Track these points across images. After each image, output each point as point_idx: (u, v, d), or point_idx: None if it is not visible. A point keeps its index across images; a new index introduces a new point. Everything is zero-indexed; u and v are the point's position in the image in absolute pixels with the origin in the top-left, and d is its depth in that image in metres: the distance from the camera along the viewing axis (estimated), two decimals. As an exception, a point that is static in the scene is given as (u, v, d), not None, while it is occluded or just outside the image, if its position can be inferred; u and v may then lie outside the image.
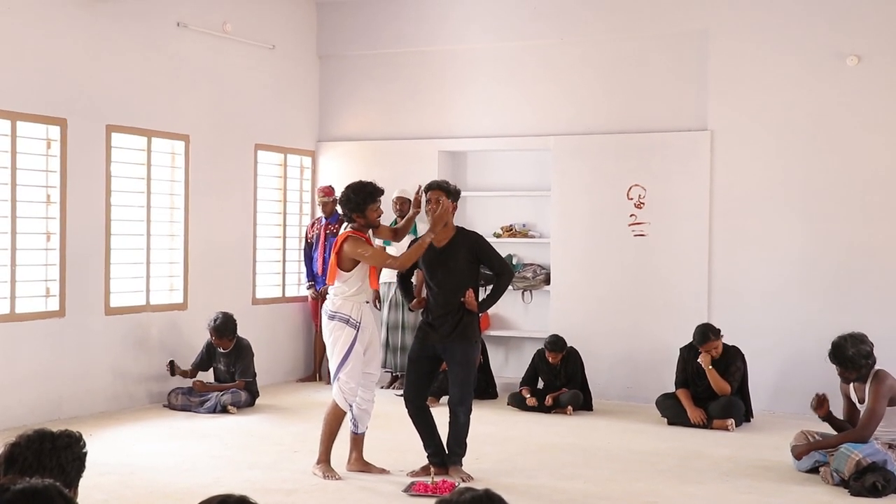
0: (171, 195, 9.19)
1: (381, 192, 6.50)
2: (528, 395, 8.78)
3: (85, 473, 3.12)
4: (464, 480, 6.21)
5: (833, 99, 8.76)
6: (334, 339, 6.38)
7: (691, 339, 8.25)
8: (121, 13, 8.61)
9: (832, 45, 8.72)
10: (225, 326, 8.80)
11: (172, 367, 8.76)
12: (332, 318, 6.41)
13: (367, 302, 6.53)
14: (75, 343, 8.25)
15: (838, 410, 6.69)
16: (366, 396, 6.52)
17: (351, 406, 6.44)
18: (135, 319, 8.79)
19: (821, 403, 6.56)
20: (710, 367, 8.10)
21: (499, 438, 7.62)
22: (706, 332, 8.16)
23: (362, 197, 6.37)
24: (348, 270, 6.37)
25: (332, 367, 6.41)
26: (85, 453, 3.15)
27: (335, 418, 6.43)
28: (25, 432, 3.11)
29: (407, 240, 8.93)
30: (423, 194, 6.45)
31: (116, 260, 8.65)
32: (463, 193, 8.06)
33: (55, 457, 3.04)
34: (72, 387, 8.23)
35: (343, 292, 6.39)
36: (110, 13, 8.51)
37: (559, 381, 8.89)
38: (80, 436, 3.18)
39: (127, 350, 8.72)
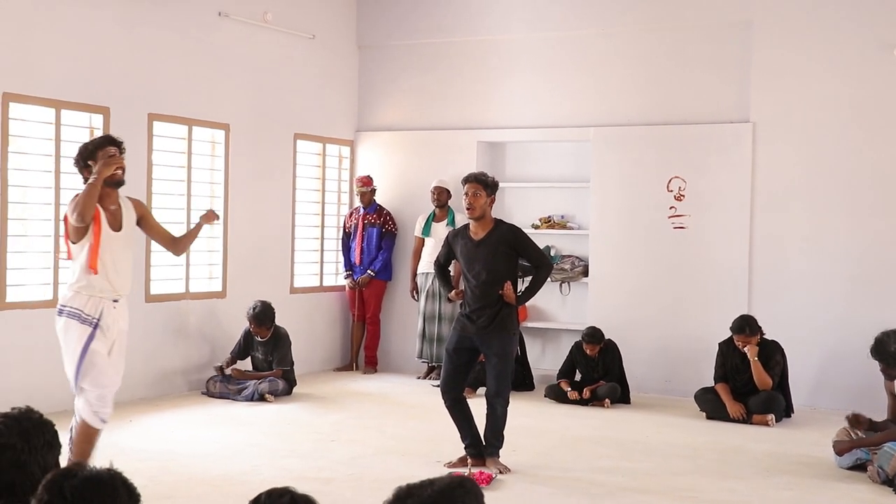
0: (212, 184, 9.25)
1: (108, 141, 5.57)
2: (569, 389, 8.73)
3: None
4: (501, 472, 6.20)
5: (878, 91, 8.62)
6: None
7: (731, 334, 8.18)
8: (163, 2, 8.66)
9: (877, 35, 8.59)
10: (264, 315, 8.85)
11: (221, 369, 8.85)
12: (60, 313, 5.58)
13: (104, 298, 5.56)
14: (116, 330, 8.30)
15: (881, 409, 6.60)
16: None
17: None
18: (174, 307, 8.85)
19: (856, 423, 6.49)
20: (755, 359, 7.99)
21: (536, 431, 7.60)
22: (743, 325, 8.03)
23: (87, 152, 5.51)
24: (75, 243, 5.51)
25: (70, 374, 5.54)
26: (55, 433, 2.93)
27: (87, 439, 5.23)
28: None
29: (444, 232, 8.94)
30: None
31: (156, 248, 8.69)
32: (501, 185, 8.01)
33: (37, 457, 2.83)
34: (112, 373, 8.28)
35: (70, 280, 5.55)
36: (152, 2, 8.56)
37: (597, 373, 8.85)
38: (45, 419, 2.92)
39: (166, 337, 8.79)
